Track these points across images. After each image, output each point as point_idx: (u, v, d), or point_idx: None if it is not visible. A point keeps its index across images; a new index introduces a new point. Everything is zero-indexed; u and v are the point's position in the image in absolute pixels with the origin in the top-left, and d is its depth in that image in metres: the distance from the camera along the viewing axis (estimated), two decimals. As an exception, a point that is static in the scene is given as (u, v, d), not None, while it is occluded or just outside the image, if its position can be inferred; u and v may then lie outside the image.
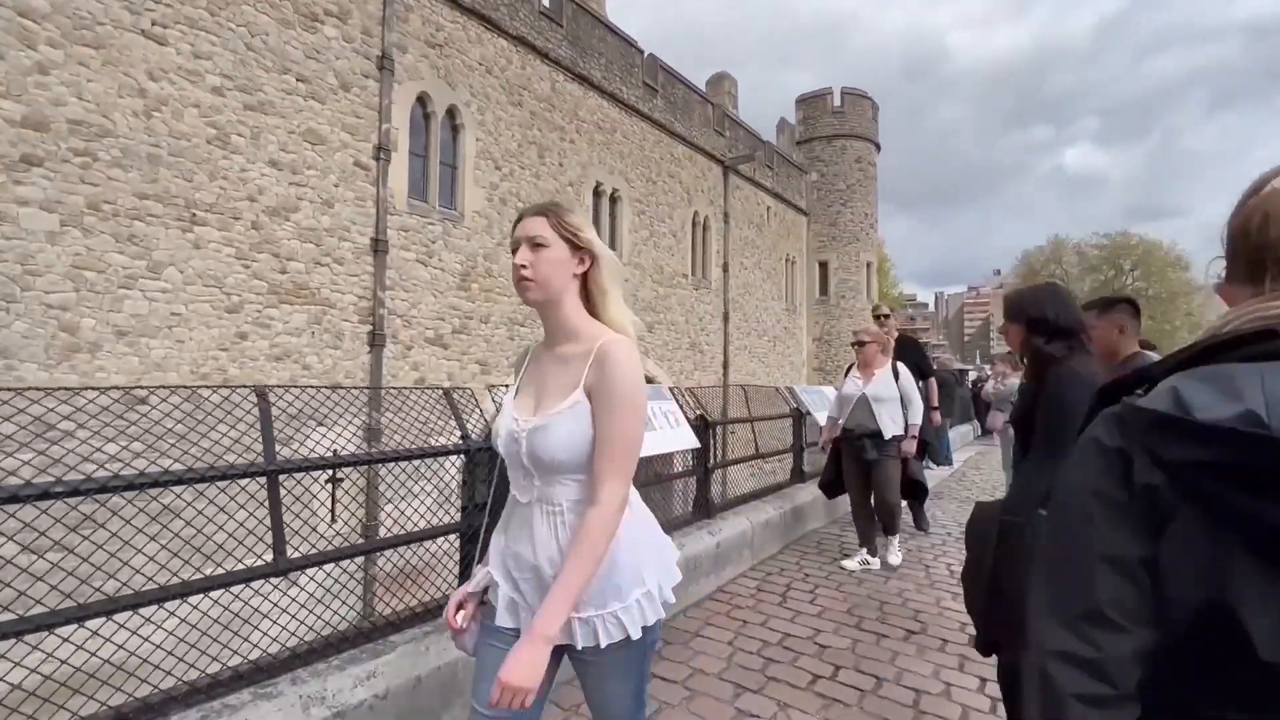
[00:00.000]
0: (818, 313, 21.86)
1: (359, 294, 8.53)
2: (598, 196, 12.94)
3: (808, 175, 22.03)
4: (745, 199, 18.31)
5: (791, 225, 21.14)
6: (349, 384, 8.40)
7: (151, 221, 6.70)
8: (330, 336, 8.20)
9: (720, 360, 16.81)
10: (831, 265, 21.82)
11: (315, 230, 8.08)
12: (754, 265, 18.69)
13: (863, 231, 22.00)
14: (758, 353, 18.71)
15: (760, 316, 18.92)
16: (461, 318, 9.92)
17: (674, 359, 14.95)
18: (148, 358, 6.65)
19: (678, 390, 3.96)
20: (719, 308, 16.89)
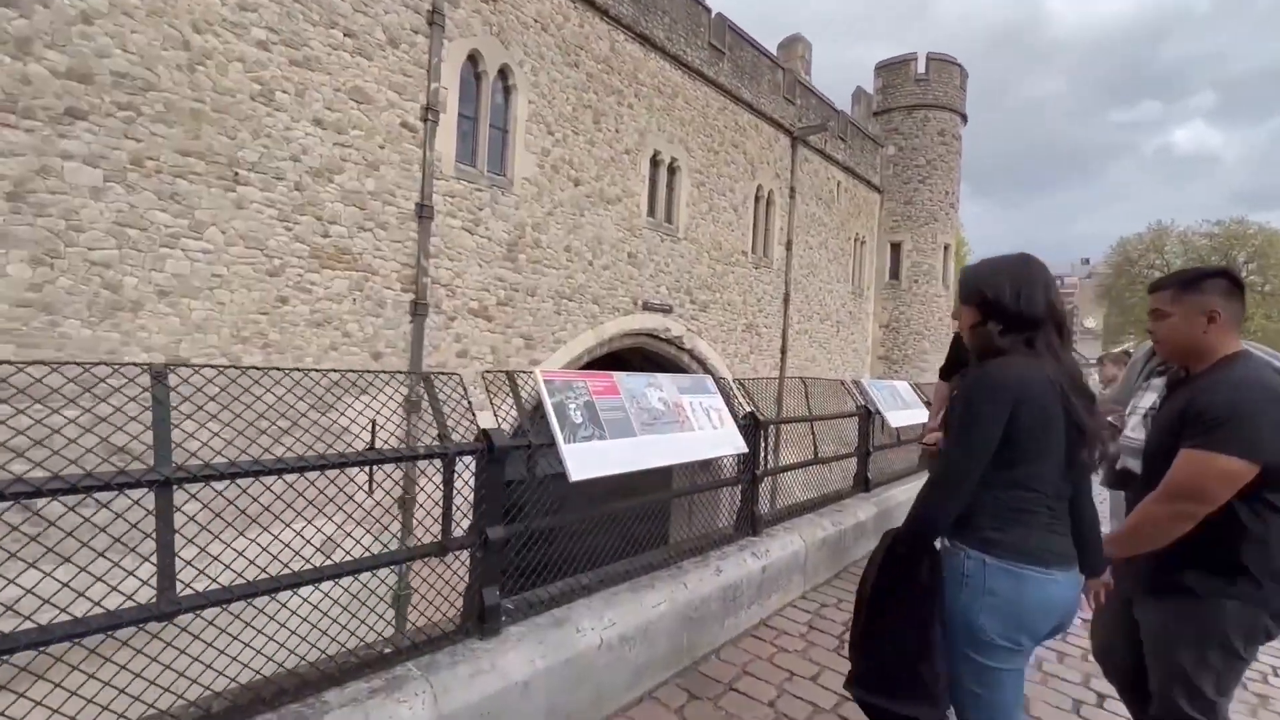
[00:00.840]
0: (886, 297, 20.50)
1: (402, 261, 8.25)
2: (655, 166, 12.23)
3: (884, 149, 20.50)
4: (814, 173, 17.13)
5: (863, 203, 19.76)
6: (389, 354, 8.19)
7: (194, 180, 6.55)
8: (371, 304, 7.97)
9: (778, 345, 15.93)
10: (904, 247, 20.35)
11: (359, 193, 7.81)
12: (819, 245, 17.56)
13: (941, 211, 20.36)
14: (819, 338, 17.68)
15: (824, 299, 17.84)
16: (507, 289, 9.55)
17: (729, 341, 14.21)
18: (189, 319, 6.56)
19: (726, 382, 3.34)
20: (779, 288, 15.96)
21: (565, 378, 2.39)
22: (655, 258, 12.18)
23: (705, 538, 3.07)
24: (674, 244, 12.64)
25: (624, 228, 11.49)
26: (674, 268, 12.63)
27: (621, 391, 2.59)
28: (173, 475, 1.43)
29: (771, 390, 10.85)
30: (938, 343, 20.39)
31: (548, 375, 2.32)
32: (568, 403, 2.32)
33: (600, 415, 2.41)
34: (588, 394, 2.44)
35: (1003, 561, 1.52)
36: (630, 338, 11.90)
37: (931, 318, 20.23)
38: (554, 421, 2.19)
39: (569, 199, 10.44)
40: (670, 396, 2.83)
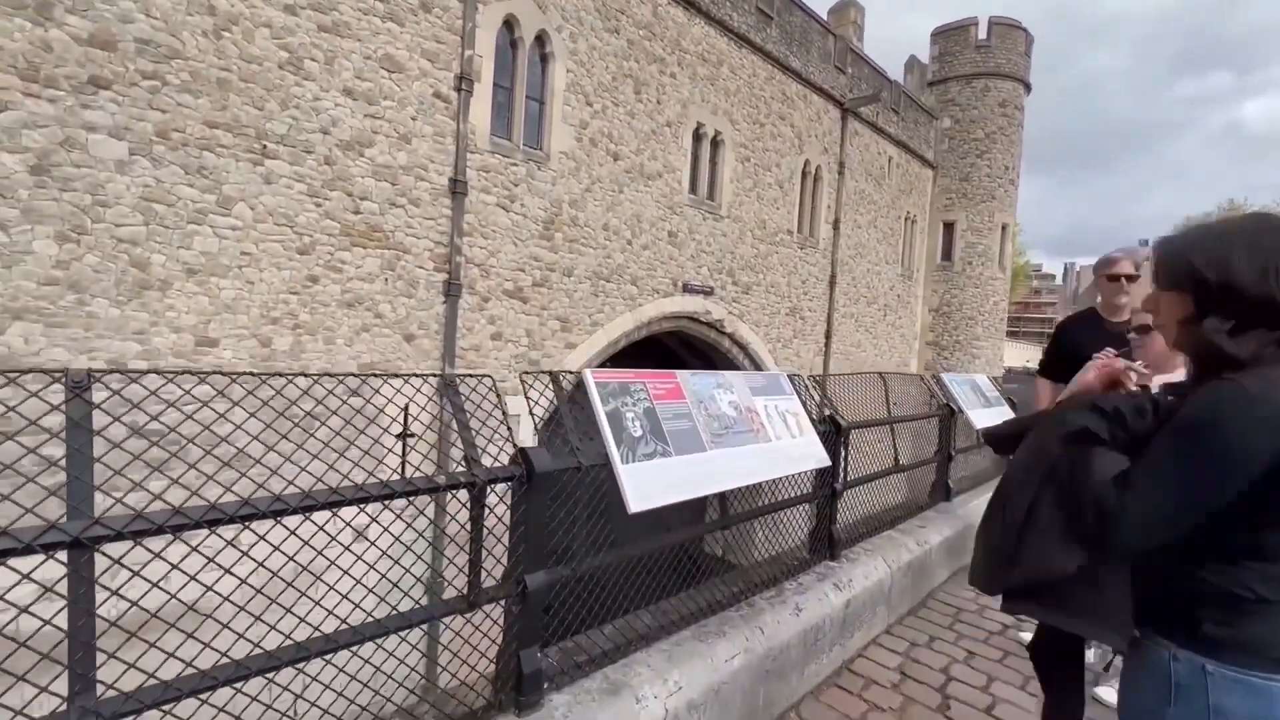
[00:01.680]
0: (938, 280, 19.45)
1: (435, 239, 7.91)
2: (698, 139, 11.59)
3: (939, 121, 19.29)
4: (864, 147, 16.18)
5: (915, 179, 18.67)
6: (422, 336, 7.89)
7: (221, 153, 6.27)
8: (404, 284, 7.66)
9: (823, 329, 15.21)
10: (959, 227, 19.21)
11: (391, 168, 7.46)
12: (869, 224, 16.66)
13: (1000, 188, 19.10)
14: (865, 322, 16.86)
15: (871, 281, 16.98)
16: (543, 269, 9.14)
17: (771, 325, 13.58)
18: (218, 298, 6.33)
19: (800, 380, 2.83)
20: (826, 270, 15.19)
21: (620, 378, 1.93)
22: (696, 237, 11.62)
23: (778, 564, 2.59)
24: (716, 222, 12.03)
25: (664, 205, 10.94)
26: (715, 247, 12.04)
27: (688, 395, 2.12)
28: (88, 534, 1.01)
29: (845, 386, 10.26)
30: (991, 329, 19.33)
31: (599, 376, 1.86)
32: (624, 411, 1.86)
33: (664, 425, 1.94)
34: (648, 399, 1.97)
35: (1236, 670, 1.05)
36: (669, 321, 11.42)
37: (986, 302, 19.13)
38: (609, 436, 1.74)
39: (608, 174, 9.93)
40: (742, 400, 2.35)
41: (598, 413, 1.78)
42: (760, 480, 2.16)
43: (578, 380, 1.89)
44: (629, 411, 1.88)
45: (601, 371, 1.89)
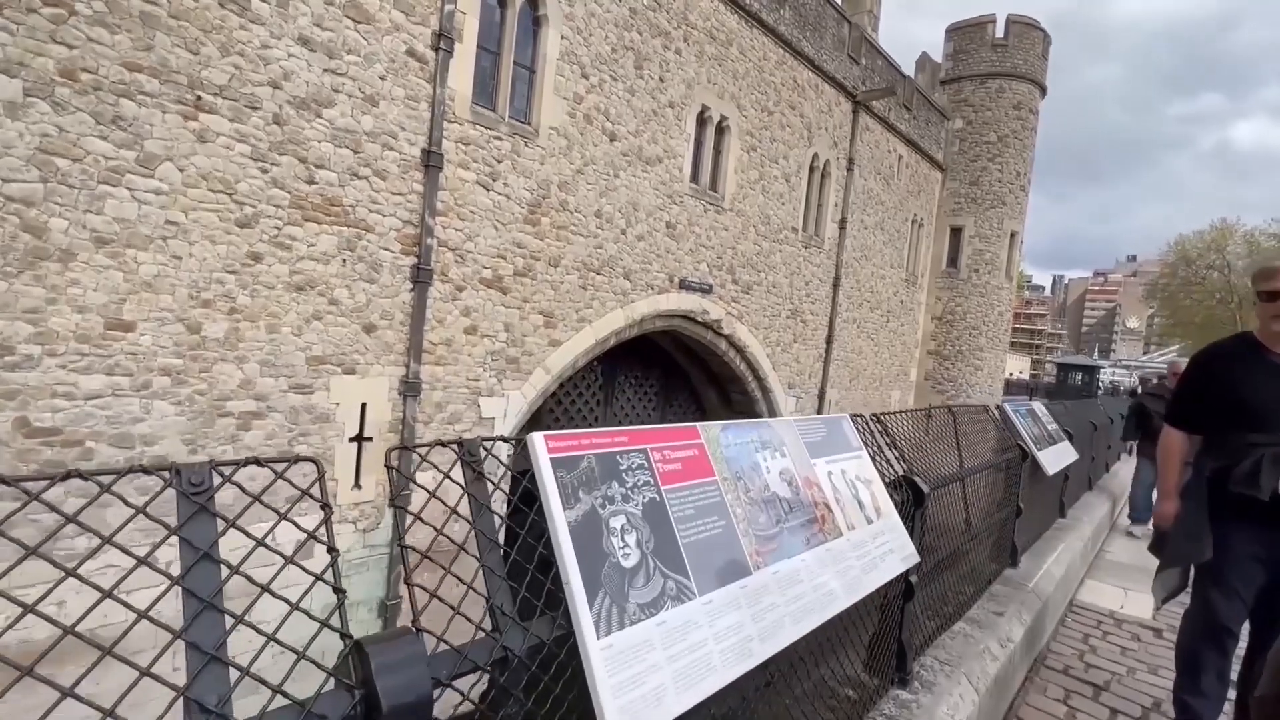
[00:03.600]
0: (942, 287, 18.80)
1: (403, 218, 7.00)
2: (702, 124, 10.74)
3: (950, 122, 18.57)
4: (875, 144, 15.42)
5: (924, 180, 17.95)
6: (384, 327, 6.97)
7: (144, 102, 5.29)
8: (365, 267, 6.75)
9: (824, 334, 14.48)
10: (966, 232, 18.55)
11: (353, 133, 6.52)
12: (875, 225, 15.93)
13: (1010, 194, 18.45)
14: (867, 328, 16.16)
15: (875, 285, 16.29)
16: (526, 258, 8.26)
17: (771, 328, 12.79)
18: (135, 274, 5.36)
19: (860, 422, 1.97)
20: (830, 271, 14.45)
21: (602, 444, 1.03)
22: (696, 230, 10.78)
23: (821, 699, 1.71)
24: (718, 215, 11.20)
25: (663, 193, 10.08)
26: (716, 242, 11.21)
27: (718, 468, 1.23)
28: None
29: (895, 421, 9.60)
30: (994, 339, 18.72)
31: (562, 444, 0.97)
32: (607, 511, 0.97)
33: (679, 535, 1.06)
34: (651, 480, 1.09)
35: None
36: (663, 319, 10.62)
37: (991, 312, 18.50)
38: (574, 582, 0.85)
39: (602, 156, 9.05)
40: (799, 467, 1.47)
41: (555, 528, 0.89)
42: (836, 613, 1.28)
43: (521, 447, 1.00)
44: (617, 512, 1.00)
45: (567, 436, 0.99)
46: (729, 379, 12.99)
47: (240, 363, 5.97)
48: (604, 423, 11.97)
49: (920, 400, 18.87)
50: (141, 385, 5.45)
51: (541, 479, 0.93)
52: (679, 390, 13.71)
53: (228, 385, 5.92)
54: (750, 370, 12.58)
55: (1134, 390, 17.85)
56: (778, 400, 13.22)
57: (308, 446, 6.52)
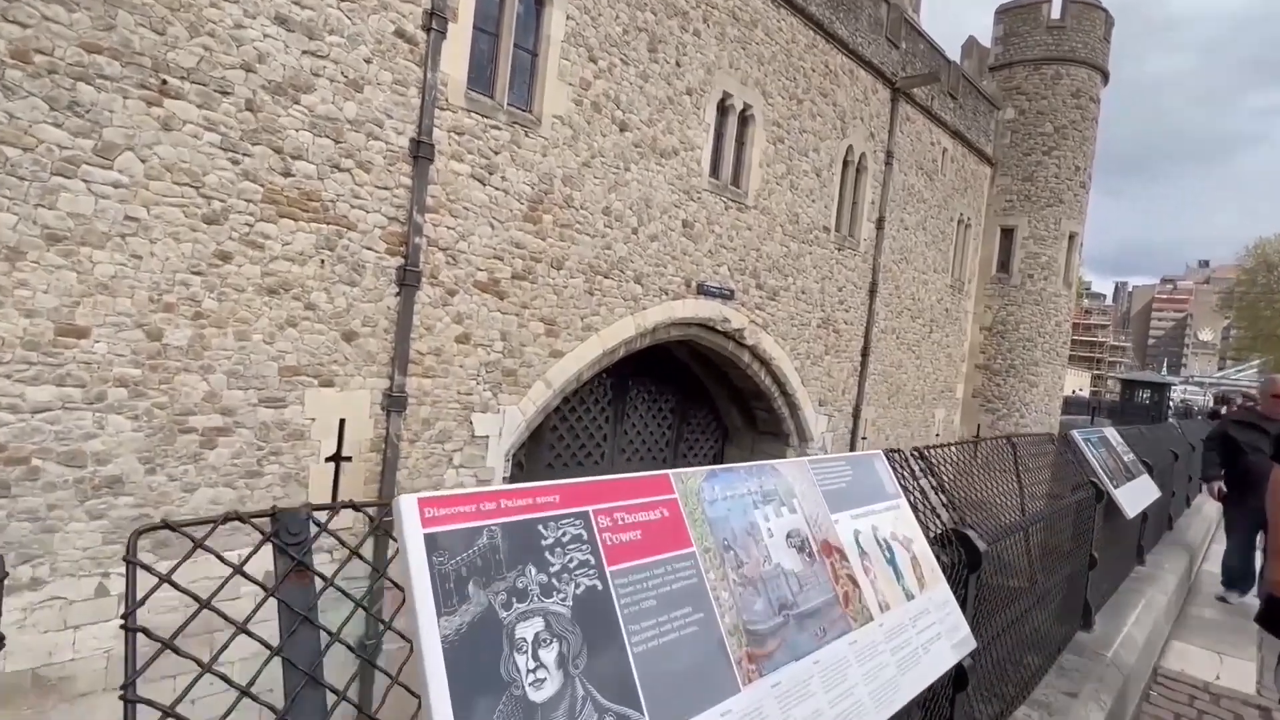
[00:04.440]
0: (992, 294, 18.31)
1: (389, 215, 6.88)
2: (723, 113, 10.53)
3: (1001, 111, 18.18)
4: (916, 135, 15.10)
5: (971, 176, 17.54)
6: (366, 334, 6.83)
7: (104, 86, 5.21)
8: (345, 268, 6.62)
9: (859, 345, 14.11)
10: (1019, 233, 18.07)
11: (335, 121, 6.42)
12: (917, 225, 15.57)
13: (1069, 191, 17.94)
14: (907, 339, 15.74)
15: (917, 292, 15.89)
16: (526, 259, 8.09)
17: (800, 339, 12.47)
18: (91, 275, 5.26)
19: (898, 459, 1.68)
20: (866, 276, 14.10)
21: (511, 511, 0.76)
22: (716, 229, 10.55)
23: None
24: (740, 213, 10.96)
25: (679, 189, 9.88)
26: (739, 243, 10.97)
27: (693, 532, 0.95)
28: None
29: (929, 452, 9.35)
30: (1051, 353, 18.15)
31: (441, 509, 0.70)
32: (509, 609, 0.69)
33: (628, 637, 0.77)
34: (591, 557, 0.81)
35: None
36: (679, 328, 10.39)
37: (1047, 322, 17.94)
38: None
39: (612, 147, 8.87)
40: (812, 525, 1.18)
41: (420, 646, 0.62)
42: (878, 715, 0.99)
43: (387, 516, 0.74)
44: (530, 614, 0.72)
45: (458, 498, 0.72)
46: (753, 395, 12.69)
47: (205, 373, 5.85)
48: (613, 443, 11.75)
49: (968, 420, 18.33)
50: (95, 397, 5.33)
51: (407, 568, 0.67)
52: (697, 407, 13.46)
53: (191, 398, 5.79)
54: (776, 385, 12.26)
55: (1213, 412, 17.04)
56: (807, 419, 12.87)
57: (279, 466, 6.37)
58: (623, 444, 11.98)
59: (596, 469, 11.59)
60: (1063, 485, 2.89)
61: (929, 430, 17.10)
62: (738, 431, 13.98)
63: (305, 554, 0.70)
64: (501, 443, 8.05)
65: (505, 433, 8.07)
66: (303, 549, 0.68)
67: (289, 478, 6.41)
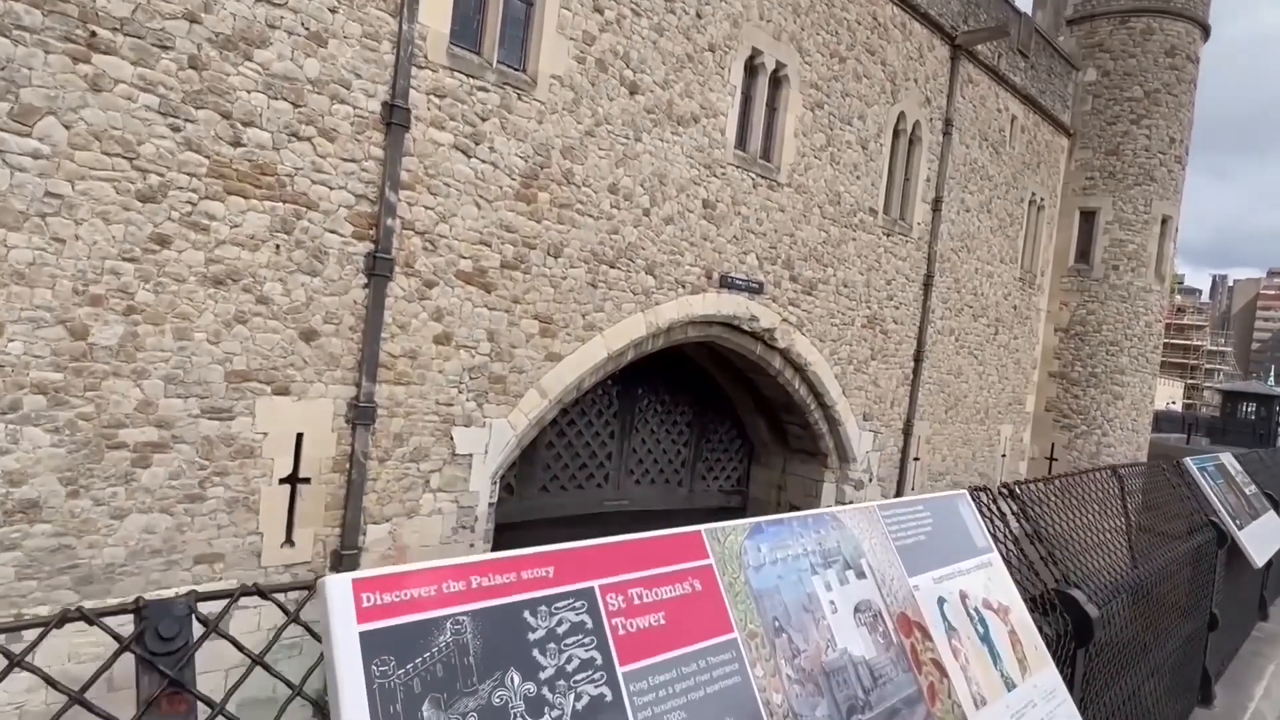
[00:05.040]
0: (1069, 289, 18.14)
1: (356, 191, 6.87)
2: (751, 74, 10.46)
3: (1080, 73, 18.03)
4: (980, 100, 15.00)
5: (1045, 149, 17.38)
6: (329, 333, 6.80)
7: (21, 39, 5.18)
8: (306, 256, 6.60)
9: (911, 349, 14.01)
10: (1101, 217, 17.89)
11: (293, 81, 6.40)
12: (980, 206, 15.43)
13: (1160, 167, 17.70)
14: (969, 341, 15.62)
15: (980, 286, 15.77)
16: (518, 245, 8.04)
17: (841, 341, 12.35)
18: (3, 262, 5.24)
19: (984, 499, 1.56)
20: (920, 266, 14.00)
21: (483, 594, 0.63)
22: (743, 211, 10.47)
23: None
24: (771, 192, 10.88)
25: (700, 163, 9.80)
26: (769, 227, 10.88)
27: (733, 611, 0.82)
28: None
29: (1055, 492, 9.38)
30: (1140, 358, 17.90)
31: (384, 593, 0.57)
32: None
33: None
34: (596, 653, 0.68)
35: None
36: (698, 327, 10.34)
37: (1134, 322, 17.69)
38: None
39: (620, 113, 8.81)
40: (886, 594, 1.05)
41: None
42: None
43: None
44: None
45: (409, 575, 0.59)
46: (784, 406, 12.60)
47: (139, 378, 5.81)
48: (619, 462, 11.67)
49: (1039, 438, 18.13)
50: (8, 406, 5.28)
51: (334, 683, 0.54)
52: (718, 421, 13.39)
53: (121, 408, 5.74)
54: (813, 395, 12.15)
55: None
56: (849, 436, 12.73)
57: (225, 489, 6.32)
58: (630, 464, 11.92)
59: (599, 493, 11.53)
60: (1176, 525, 2.74)
61: (993, 450, 16.92)
62: (766, 449, 13.89)
63: (183, 667, 0.56)
64: (488, 462, 7.99)
65: (492, 450, 8.01)
66: (178, 660, 0.55)
67: (236, 503, 6.35)
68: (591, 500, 11.40)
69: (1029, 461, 18.41)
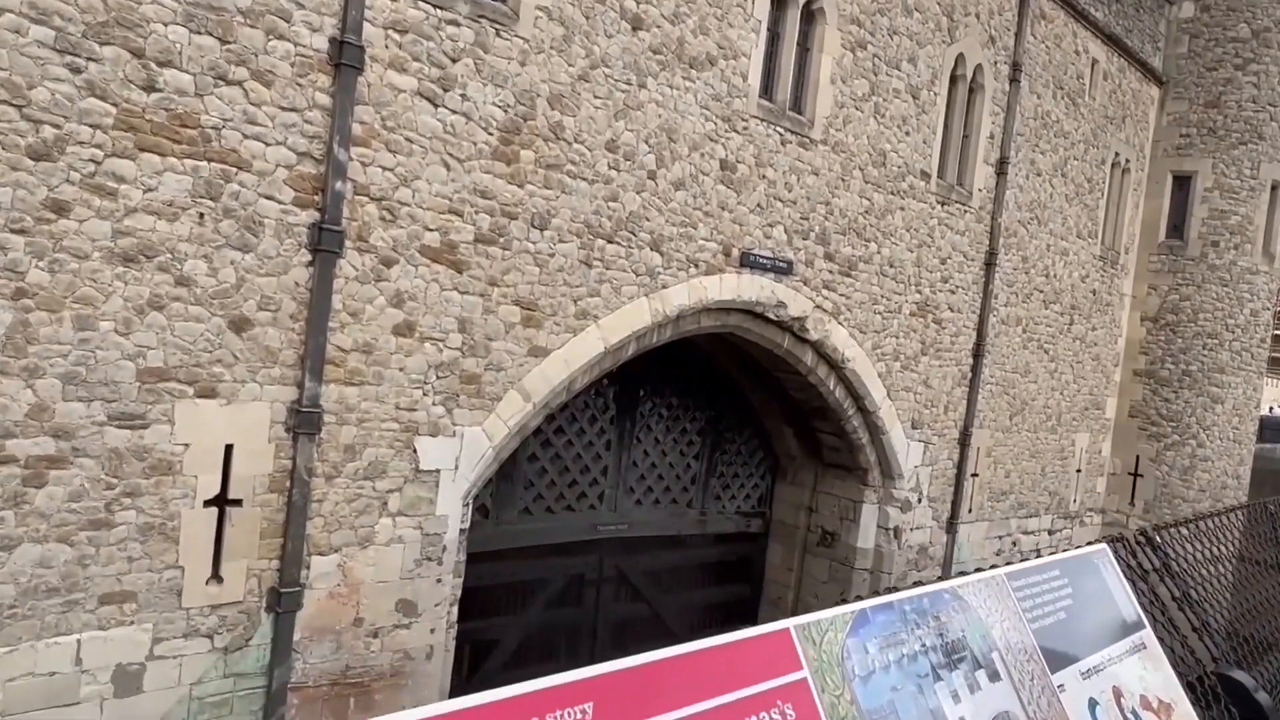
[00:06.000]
0: (1159, 269, 18.21)
1: (298, 148, 6.84)
2: (779, 5, 10.46)
3: (1174, 8, 18.15)
4: (1054, 40, 15.08)
5: (1132, 100, 17.41)
6: (266, 322, 6.81)
7: (-117, -43, 5.04)
8: (236, 227, 6.56)
9: (969, 341, 14.08)
10: (1198, 183, 17.99)
11: (220, 12, 6.35)
12: (1054, 169, 15.48)
13: (1271, 122, 17.79)
14: (1038, 333, 15.73)
15: (1053, 266, 15.86)
16: (496, 214, 8.04)
17: (886, 331, 12.35)
18: None
19: (1123, 550, 1.44)
20: (980, 241, 14.05)
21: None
22: (768, 174, 10.45)
23: None
24: (804, 151, 10.86)
25: (717, 115, 9.77)
26: (800, 194, 10.87)
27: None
28: None
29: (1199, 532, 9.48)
30: (1244, 353, 17.96)
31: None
32: None
33: None
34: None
35: None
36: (713, 316, 10.37)
37: (1238, 310, 17.70)
38: None
39: (620, 54, 8.78)
40: (1028, 696, 0.91)
41: None
42: None
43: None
44: None
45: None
46: (815, 412, 12.63)
47: (30, 377, 5.74)
48: (617, 478, 11.66)
49: (1122, 449, 18.16)
50: None
51: None
52: (736, 429, 13.43)
53: (10, 413, 5.68)
54: (851, 398, 12.16)
55: None
56: (894, 447, 12.73)
57: (137, 513, 6.26)
58: (631, 481, 11.92)
59: (592, 515, 11.52)
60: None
61: (1066, 464, 16.96)
62: (793, 463, 13.90)
63: None
64: (458, 480, 7.97)
65: (464, 465, 8.00)
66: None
67: (151, 530, 6.29)
68: (583, 525, 11.38)
69: (1108, 478, 18.44)
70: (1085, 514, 17.96)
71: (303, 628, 7.12)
